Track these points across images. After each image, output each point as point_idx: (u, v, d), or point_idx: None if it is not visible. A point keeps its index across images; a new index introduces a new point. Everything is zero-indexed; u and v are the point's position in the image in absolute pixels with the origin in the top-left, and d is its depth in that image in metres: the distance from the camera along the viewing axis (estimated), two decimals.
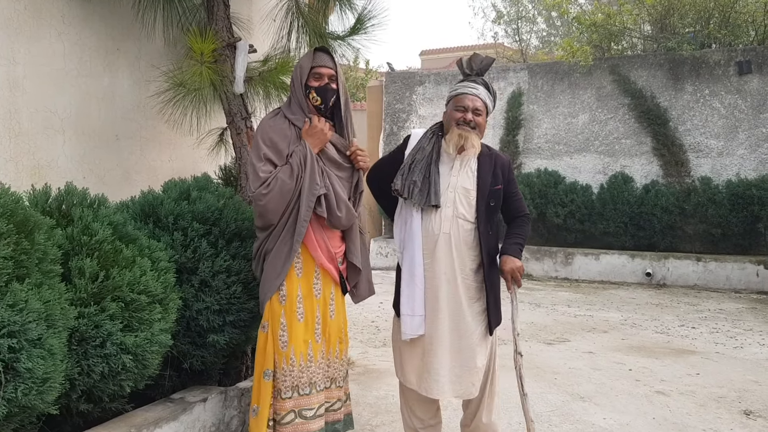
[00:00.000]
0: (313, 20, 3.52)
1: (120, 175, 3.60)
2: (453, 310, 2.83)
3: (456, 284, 2.83)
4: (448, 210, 2.84)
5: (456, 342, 2.82)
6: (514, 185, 2.98)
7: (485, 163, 2.90)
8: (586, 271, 9.47)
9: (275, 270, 2.77)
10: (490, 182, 2.87)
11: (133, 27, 3.58)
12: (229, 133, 3.57)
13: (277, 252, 2.77)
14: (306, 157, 2.76)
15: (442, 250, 2.82)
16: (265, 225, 2.78)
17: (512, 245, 2.90)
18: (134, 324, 2.52)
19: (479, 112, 2.85)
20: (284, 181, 2.70)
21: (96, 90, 3.49)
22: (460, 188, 2.86)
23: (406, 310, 2.84)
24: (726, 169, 9.34)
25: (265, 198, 2.68)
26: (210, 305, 2.95)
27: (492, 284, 2.87)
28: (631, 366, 5.02)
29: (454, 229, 2.83)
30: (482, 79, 2.91)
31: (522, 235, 2.95)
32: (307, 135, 2.80)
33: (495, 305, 2.89)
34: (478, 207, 2.84)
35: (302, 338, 2.77)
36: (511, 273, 2.82)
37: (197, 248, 2.96)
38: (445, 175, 2.87)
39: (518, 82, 10.52)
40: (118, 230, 2.68)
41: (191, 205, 3.05)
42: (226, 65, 3.36)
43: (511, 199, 2.97)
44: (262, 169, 2.70)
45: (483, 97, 2.86)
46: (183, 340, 2.98)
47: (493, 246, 2.90)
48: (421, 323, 2.82)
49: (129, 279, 2.51)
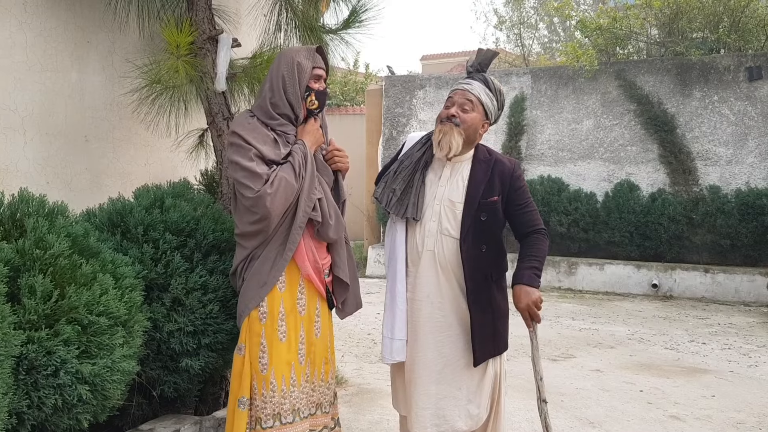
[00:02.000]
0: (303, 12, 3.25)
1: (89, 181, 3.32)
2: (437, 335, 2.53)
3: (442, 306, 2.53)
4: (432, 224, 2.54)
5: (441, 371, 2.53)
6: (522, 195, 2.60)
7: (479, 171, 2.56)
8: (590, 282, 9.25)
9: (260, 278, 2.47)
10: (482, 193, 2.53)
11: (106, 17, 3.30)
12: (209, 135, 3.29)
13: (264, 258, 2.48)
14: (306, 156, 2.49)
15: (426, 269, 2.54)
16: (260, 230, 2.45)
17: (526, 270, 2.49)
18: (92, 350, 2.25)
19: (468, 107, 2.53)
20: (288, 180, 2.41)
21: (62, 86, 3.21)
22: (446, 200, 2.55)
23: (386, 332, 2.58)
24: (735, 177, 9.12)
25: (271, 199, 2.36)
26: (183, 326, 2.69)
27: (480, 310, 2.52)
28: (642, 386, 4.77)
29: (439, 246, 2.53)
30: (481, 74, 2.59)
31: (537, 256, 2.53)
32: (306, 132, 2.55)
33: (489, 335, 2.54)
34: (464, 222, 2.51)
35: (285, 360, 2.48)
36: (528, 309, 2.44)
37: (169, 262, 2.69)
38: (432, 184, 2.57)
39: (521, 87, 10.31)
40: (78, 243, 2.40)
41: (164, 214, 2.77)
42: (207, 60, 3.08)
43: (520, 211, 2.59)
44: (258, 168, 2.39)
45: (475, 92, 2.54)
46: (153, 365, 2.72)
47: (489, 266, 2.56)
48: (402, 348, 2.55)
49: (87, 299, 2.25)
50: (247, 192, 2.39)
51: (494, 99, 2.58)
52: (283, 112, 2.53)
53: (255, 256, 2.50)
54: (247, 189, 2.38)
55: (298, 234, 2.47)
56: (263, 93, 2.58)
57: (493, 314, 2.56)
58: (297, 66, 2.52)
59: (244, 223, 2.48)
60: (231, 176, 2.48)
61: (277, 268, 2.47)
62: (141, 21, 3.23)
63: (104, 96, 3.39)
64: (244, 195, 2.41)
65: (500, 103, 2.62)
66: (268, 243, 2.48)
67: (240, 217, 2.51)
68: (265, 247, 2.48)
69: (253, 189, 2.38)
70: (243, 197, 2.43)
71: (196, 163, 3.55)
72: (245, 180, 2.39)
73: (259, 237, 2.47)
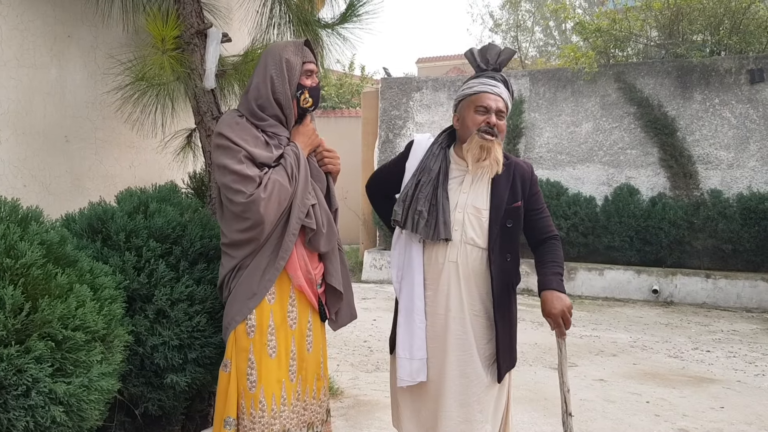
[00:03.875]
0: (298, 5, 3.08)
1: (70, 184, 3.13)
2: (460, 354, 2.35)
3: (464, 322, 2.35)
4: (455, 234, 2.35)
5: (464, 392, 2.34)
6: (539, 200, 2.45)
7: (502, 175, 2.38)
8: (590, 287, 9.11)
9: (249, 289, 2.29)
10: (507, 198, 2.37)
11: (88, 10, 3.11)
12: (198, 135, 3.11)
13: (254, 267, 2.30)
14: (299, 158, 2.32)
15: (448, 282, 2.35)
16: (252, 239, 2.27)
17: (553, 276, 2.34)
18: (67, 367, 2.07)
19: (502, 115, 2.35)
20: (282, 183, 2.24)
21: (41, 83, 3.02)
22: (470, 207, 2.37)
23: (403, 353, 2.37)
24: (737, 181, 9.00)
25: (265, 204, 2.19)
26: (168, 340, 2.51)
27: (505, 322, 2.38)
28: (648, 397, 4.62)
29: (462, 256, 2.35)
30: (501, 75, 2.40)
31: (559, 262, 2.39)
32: (299, 134, 2.39)
33: (509, 348, 2.40)
34: (491, 230, 2.34)
35: (275, 377, 2.31)
36: (562, 315, 2.27)
37: (153, 271, 2.51)
38: (453, 192, 2.38)
39: (519, 89, 10.18)
40: (53, 251, 2.22)
41: (148, 219, 2.59)
42: (195, 56, 2.90)
43: (535, 217, 2.44)
44: (249, 171, 2.21)
45: (505, 98, 2.36)
46: (136, 381, 2.55)
47: (511, 275, 2.41)
48: (422, 368, 2.35)
49: (62, 312, 2.07)
50: (238, 197, 2.21)
51: (510, 102, 2.43)
52: (273, 113, 2.36)
53: (244, 265, 2.33)
54: (238, 194, 2.20)
55: (291, 241, 2.30)
56: (249, 95, 2.40)
57: (511, 326, 2.42)
58: (286, 64, 2.35)
59: (233, 231, 2.30)
60: (218, 181, 2.30)
61: (269, 278, 2.29)
62: (125, 14, 3.06)
63: (86, 94, 3.21)
64: (233, 200, 2.23)
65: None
66: (258, 252, 2.31)
67: (228, 225, 2.33)
68: (254, 257, 2.31)
69: (245, 193, 2.20)
70: (232, 203, 2.24)
71: (184, 165, 3.37)
72: (235, 184, 2.21)
73: (250, 245, 2.30)
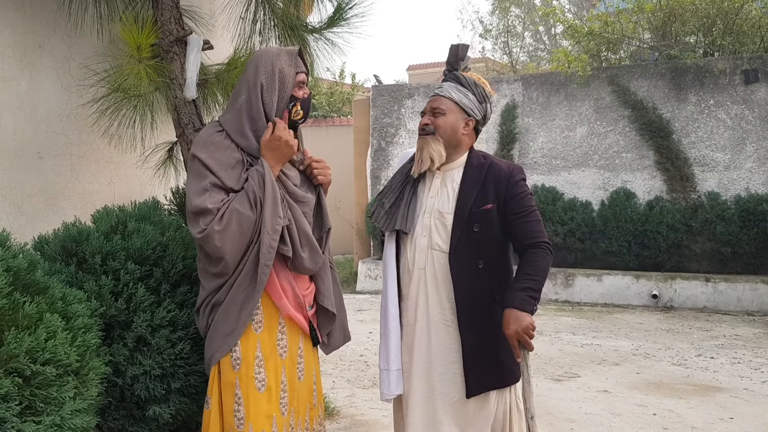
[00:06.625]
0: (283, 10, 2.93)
1: (44, 203, 2.96)
2: (423, 365, 2.28)
3: (429, 333, 2.27)
4: (423, 240, 2.30)
5: (427, 407, 2.26)
6: (523, 202, 2.31)
7: (471, 177, 2.32)
8: (588, 294, 8.98)
9: (227, 325, 2.13)
10: (474, 200, 2.28)
11: (60, 18, 2.94)
12: (179, 148, 2.95)
13: (230, 302, 2.13)
14: (264, 179, 2.12)
15: (417, 290, 2.30)
16: (221, 273, 2.14)
17: (518, 292, 2.18)
18: (37, 405, 1.91)
19: (439, 111, 2.32)
20: (241, 212, 2.07)
21: (10, 97, 2.86)
22: (435, 212, 2.32)
23: (383, 363, 2.33)
24: (734, 183, 8.91)
25: (220, 237, 2.04)
26: (149, 369, 2.35)
27: (473, 334, 2.26)
28: (655, 409, 4.48)
29: (430, 264, 2.29)
30: (454, 73, 2.37)
31: (533, 275, 2.20)
32: (268, 148, 2.16)
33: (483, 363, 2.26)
34: (453, 233, 2.26)
35: (264, 413, 2.14)
36: (517, 337, 2.12)
37: (132, 296, 2.35)
38: (423, 196, 2.35)
39: (512, 94, 10.09)
40: (21, 278, 2.05)
41: (126, 240, 2.42)
42: (175, 65, 2.74)
43: (517, 221, 2.29)
44: (210, 199, 2.06)
45: (444, 93, 2.34)
46: (116, 414, 2.39)
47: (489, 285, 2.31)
48: (399, 379, 2.30)
49: (29, 345, 1.91)
50: (194, 230, 2.09)
51: (469, 93, 2.34)
52: (260, 127, 2.19)
53: (218, 301, 2.17)
54: (194, 226, 2.09)
55: (264, 274, 2.12)
56: (236, 105, 2.23)
57: (495, 340, 2.26)
58: (279, 75, 2.20)
59: (201, 261, 2.19)
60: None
61: (247, 313, 2.13)
62: (100, 22, 2.90)
63: (60, 107, 3.04)
64: (192, 232, 2.12)
65: (479, 95, 2.36)
66: (231, 286, 2.15)
67: (199, 252, 2.20)
68: (228, 291, 2.15)
69: (199, 226, 2.07)
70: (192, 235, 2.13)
71: (166, 180, 3.21)
72: (194, 216, 2.09)
73: (221, 278, 2.15)
